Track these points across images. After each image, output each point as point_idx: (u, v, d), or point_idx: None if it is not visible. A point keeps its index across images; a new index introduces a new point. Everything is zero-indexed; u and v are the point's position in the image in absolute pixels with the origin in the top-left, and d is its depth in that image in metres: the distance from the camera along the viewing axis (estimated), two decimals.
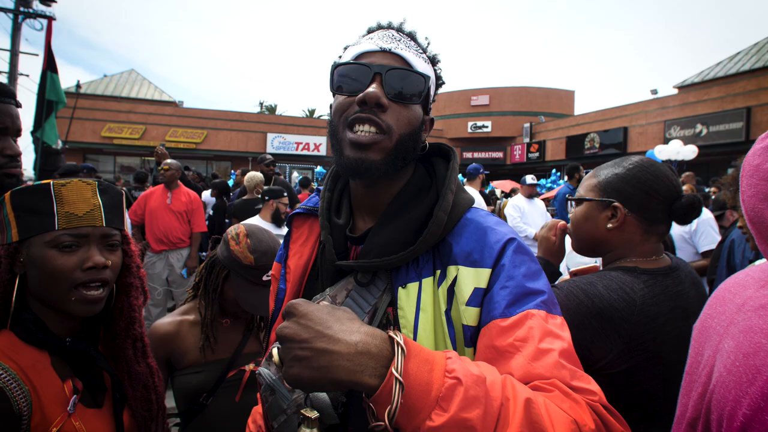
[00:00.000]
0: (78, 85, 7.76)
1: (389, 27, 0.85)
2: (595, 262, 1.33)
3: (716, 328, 0.57)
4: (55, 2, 9.54)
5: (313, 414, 0.65)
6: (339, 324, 0.58)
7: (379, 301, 0.78)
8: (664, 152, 9.16)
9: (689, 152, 8.99)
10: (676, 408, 0.67)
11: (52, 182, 0.94)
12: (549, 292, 0.72)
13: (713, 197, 5.15)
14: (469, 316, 0.71)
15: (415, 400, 0.53)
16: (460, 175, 0.86)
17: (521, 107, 23.83)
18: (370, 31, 0.86)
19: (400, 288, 0.76)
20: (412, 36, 0.85)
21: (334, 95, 0.83)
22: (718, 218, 3.59)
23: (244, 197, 5.03)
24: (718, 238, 3.02)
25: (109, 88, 21.70)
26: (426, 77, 0.79)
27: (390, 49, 0.78)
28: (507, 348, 0.65)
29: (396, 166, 0.79)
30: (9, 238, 0.91)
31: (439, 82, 0.88)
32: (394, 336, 0.58)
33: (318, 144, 22.05)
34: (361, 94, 0.74)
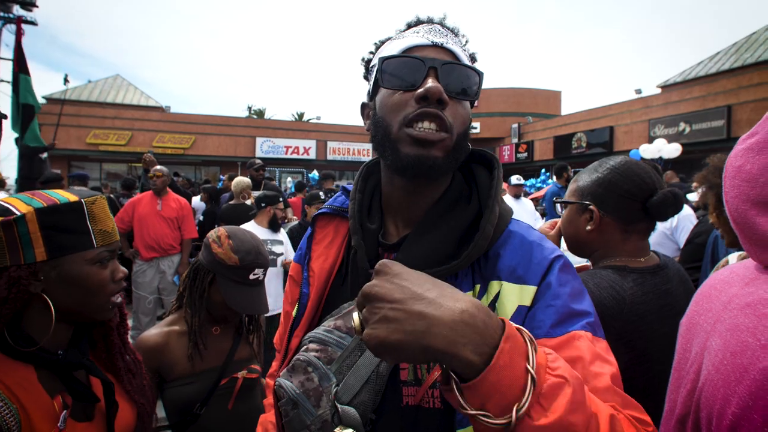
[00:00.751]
0: (66, 79, 7.57)
1: (432, 21, 0.80)
2: (587, 261, 1.35)
3: (703, 325, 0.59)
4: (37, 7, 9.38)
5: (347, 431, 0.61)
6: (440, 289, 0.52)
7: None
8: (647, 151, 9.32)
9: (672, 150, 9.15)
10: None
11: (83, 200, 0.94)
12: (594, 314, 0.69)
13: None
14: None
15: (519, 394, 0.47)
16: None
17: (509, 108, 24.00)
18: (410, 25, 0.81)
19: None
20: (455, 32, 0.80)
21: (376, 90, 0.79)
22: (702, 215, 3.64)
23: (231, 202, 5.01)
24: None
25: (94, 94, 21.39)
26: (481, 74, 0.75)
27: (442, 44, 0.74)
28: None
29: (452, 167, 0.76)
30: (32, 257, 0.88)
31: (482, 81, 0.82)
32: (506, 321, 0.51)
33: (307, 147, 21.98)
34: (421, 90, 0.70)
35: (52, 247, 0.89)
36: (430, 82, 0.70)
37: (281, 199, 4.01)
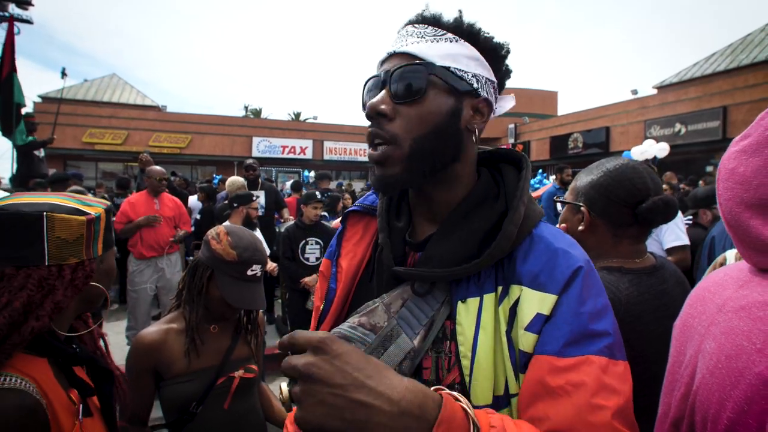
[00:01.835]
0: (63, 72, 7.47)
1: (408, 22, 0.77)
2: None
3: (697, 328, 0.59)
4: (32, 5, 9.31)
5: None
6: (379, 375, 0.51)
7: (437, 314, 0.72)
8: (637, 152, 9.36)
9: (659, 149, 9.12)
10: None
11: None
12: (615, 334, 0.66)
13: (689, 194, 5.25)
14: (527, 341, 0.65)
15: None
16: None
17: None
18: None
19: (459, 302, 0.70)
20: (433, 20, 0.74)
21: None
22: (693, 216, 3.65)
23: (226, 202, 5.03)
24: (683, 235, 3.05)
25: (90, 93, 21.29)
26: (426, 64, 0.70)
27: (394, 51, 0.74)
28: (557, 389, 0.60)
29: (424, 173, 0.73)
30: (96, 252, 1.00)
31: (434, 70, 0.71)
32: (460, 400, 0.54)
33: (304, 147, 21.94)
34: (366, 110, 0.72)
35: (105, 243, 1.03)
36: (371, 98, 0.72)
37: (255, 198, 4.00)
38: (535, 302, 0.67)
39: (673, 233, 3.05)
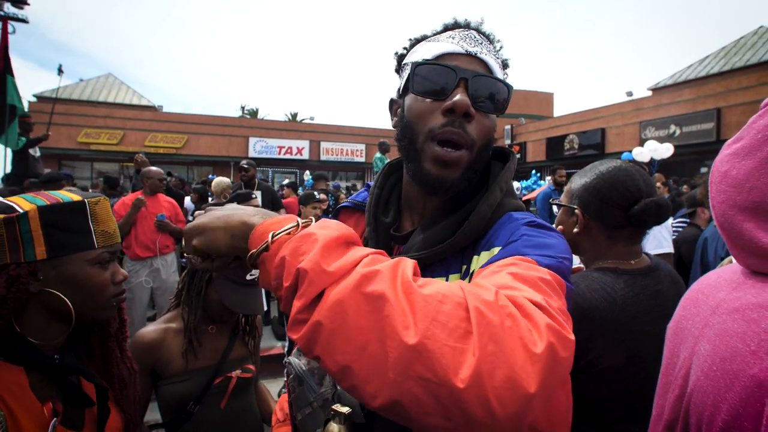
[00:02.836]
0: (60, 69, 7.34)
1: (468, 27, 0.79)
2: (579, 263, 1.37)
3: (691, 330, 0.59)
4: (28, 5, 9.23)
5: (345, 409, 0.63)
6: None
7: None
8: (640, 154, 9.41)
9: (665, 150, 9.19)
10: None
11: (86, 200, 0.94)
12: (560, 264, 0.61)
13: (685, 195, 5.28)
14: None
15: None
16: None
17: None
18: (446, 27, 0.80)
19: None
20: (490, 39, 0.79)
21: (406, 93, 0.79)
22: (690, 216, 3.65)
23: (212, 201, 5.05)
24: (666, 242, 2.99)
25: (85, 93, 21.16)
26: (510, 87, 0.75)
27: (476, 54, 0.73)
28: (475, 275, 0.61)
29: (470, 179, 0.76)
30: (32, 255, 0.87)
31: (510, 94, 0.79)
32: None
33: (301, 148, 21.90)
34: (449, 102, 0.70)
35: (53, 246, 0.89)
36: (459, 96, 0.69)
37: (253, 196, 3.99)
38: (483, 258, 0.67)
39: (656, 239, 2.96)
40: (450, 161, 0.71)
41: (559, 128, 20.14)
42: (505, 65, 0.80)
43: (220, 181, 5.07)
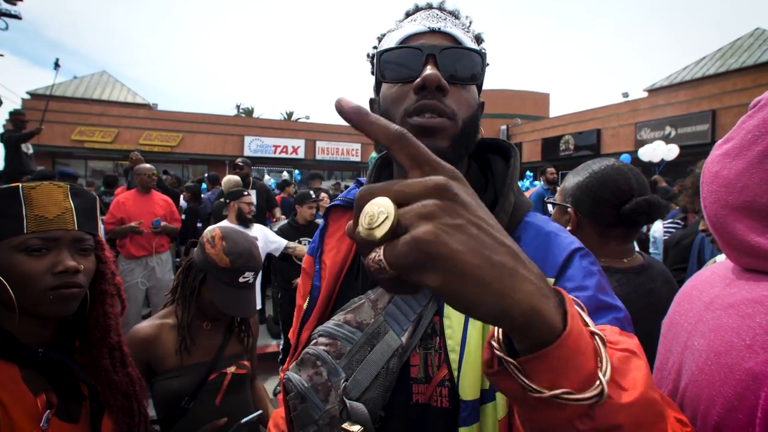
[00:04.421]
0: (56, 63, 7.20)
1: (430, 7, 0.77)
2: None
3: (684, 325, 0.59)
4: (21, 1, 9.16)
5: (356, 428, 0.59)
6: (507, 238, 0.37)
7: (425, 310, 0.69)
8: (645, 154, 9.47)
9: (667, 151, 9.25)
10: None
11: (21, 185, 0.90)
12: (624, 310, 0.61)
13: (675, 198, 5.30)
14: None
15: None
16: None
17: (498, 110, 24.14)
18: (408, 14, 0.79)
19: None
20: (455, 14, 0.77)
21: (379, 84, 0.77)
22: (682, 219, 3.67)
23: (222, 199, 4.98)
24: (653, 249, 3.00)
25: (79, 90, 21.01)
26: (482, 54, 0.73)
27: (439, 28, 0.71)
28: None
29: (461, 155, 0.72)
30: None
31: (485, 63, 0.76)
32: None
33: (296, 147, 21.84)
34: (418, 79, 0.67)
35: None
36: (428, 70, 0.66)
37: (246, 193, 3.97)
38: None
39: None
40: (432, 127, 0.67)
41: (555, 129, 20.21)
42: (478, 39, 0.78)
43: (229, 178, 4.96)
